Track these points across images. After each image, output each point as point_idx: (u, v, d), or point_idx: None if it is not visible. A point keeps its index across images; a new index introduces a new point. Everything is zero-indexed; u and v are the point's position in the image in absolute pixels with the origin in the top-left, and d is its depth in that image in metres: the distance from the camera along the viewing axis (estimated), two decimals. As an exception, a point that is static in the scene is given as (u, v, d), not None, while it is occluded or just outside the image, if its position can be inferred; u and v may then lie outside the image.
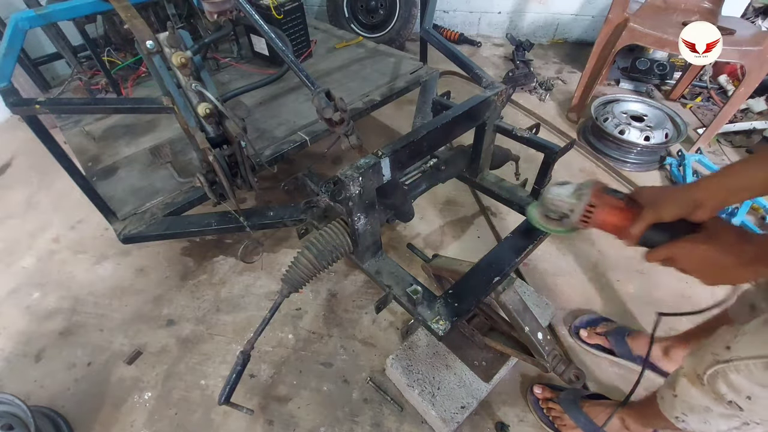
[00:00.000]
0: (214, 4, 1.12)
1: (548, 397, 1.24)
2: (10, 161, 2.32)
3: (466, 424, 1.23)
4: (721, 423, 0.80)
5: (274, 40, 1.10)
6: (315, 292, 1.60)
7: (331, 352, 1.43)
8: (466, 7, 3.39)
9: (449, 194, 1.97)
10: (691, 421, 0.86)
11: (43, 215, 1.98)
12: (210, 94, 1.03)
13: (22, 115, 1.13)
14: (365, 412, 1.28)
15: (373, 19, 3.11)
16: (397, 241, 1.75)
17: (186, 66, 1.00)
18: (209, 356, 1.43)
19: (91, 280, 1.69)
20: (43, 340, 1.49)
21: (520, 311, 0.98)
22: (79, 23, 1.80)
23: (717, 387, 0.75)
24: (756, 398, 0.70)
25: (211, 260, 1.74)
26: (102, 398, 1.33)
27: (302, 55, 2.12)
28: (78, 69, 2.00)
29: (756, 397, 0.70)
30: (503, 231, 1.80)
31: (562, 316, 1.50)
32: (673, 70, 2.60)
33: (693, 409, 0.83)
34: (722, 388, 0.74)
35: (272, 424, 1.26)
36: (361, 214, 0.92)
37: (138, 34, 0.98)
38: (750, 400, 0.71)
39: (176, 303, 1.59)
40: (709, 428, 0.83)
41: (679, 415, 0.87)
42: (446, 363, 1.27)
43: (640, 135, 2.02)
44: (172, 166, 1.48)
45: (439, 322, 0.88)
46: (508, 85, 1.12)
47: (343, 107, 1.03)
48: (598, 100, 2.26)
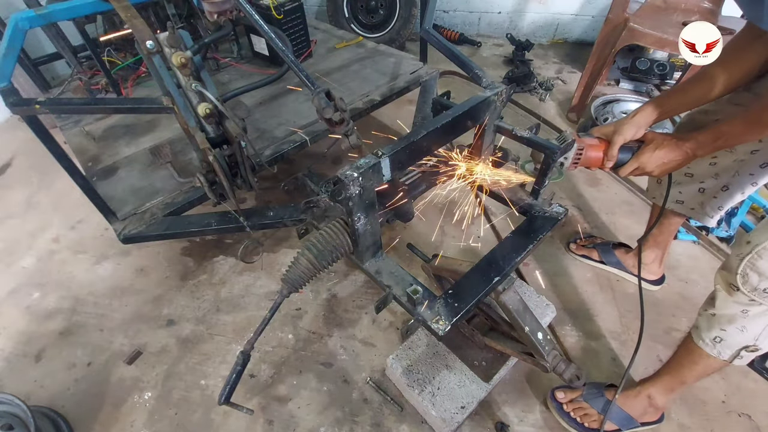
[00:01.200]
0: (214, 4, 1.12)
1: (572, 398, 1.24)
2: (10, 161, 2.33)
3: (466, 424, 1.23)
4: (756, 324, 0.91)
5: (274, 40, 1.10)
6: (315, 292, 1.60)
7: (331, 352, 1.43)
8: (466, 7, 3.39)
9: (449, 194, 1.97)
10: (729, 334, 0.95)
11: (43, 215, 1.98)
12: (210, 94, 1.03)
13: (22, 115, 1.13)
14: (365, 412, 1.28)
15: (373, 19, 3.11)
16: (397, 241, 1.75)
17: (186, 66, 1.00)
18: (209, 356, 1.43)
19: (91, 280, 1.69)
20: (43, 340, 1.49)
21: (520, 311, 0.98)
22: (79, 23, 1.80)
23: (751, 281, 0.86)
24: None
25: (211, 260, 1.74)
26: (102, 398, 1.33)
27: (302, 55, 2.11)
28: (78, 69, 1.99)
29: None
30: (503, 231, 1.81)
31: (562, 316, 1.50)
32: (673, 70, 2.59)
33: (732, 320, 0.93)
34: (754, 279, 0.85)
35: (272, 424, 1.26)
36: (361, 214, 0.91)
37: (138, 34, 0.97)
38: None
39: (176, 303, 1.59)
40: (745, 336, 0.93)
41: (718, 333, 0.97)
42: (446, 363, 1.27)
43: (640, 135, 2.02)
44: (172, 166, 1.48)
45: (439, 322, 0.88)
46: (508, 85, 1.12)
47: (343, 107, 1.03)
48: (598, 100, 2.26)
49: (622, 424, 1.18)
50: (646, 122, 1.02)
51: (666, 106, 1.03)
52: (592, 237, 1.75)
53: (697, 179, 1.21)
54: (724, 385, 1.32)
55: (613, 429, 1.19)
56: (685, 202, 1.28)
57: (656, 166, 1.00)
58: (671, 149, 0.97)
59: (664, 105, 1.03)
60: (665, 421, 1.22)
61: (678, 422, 1.25)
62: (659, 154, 0.98)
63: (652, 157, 0.99)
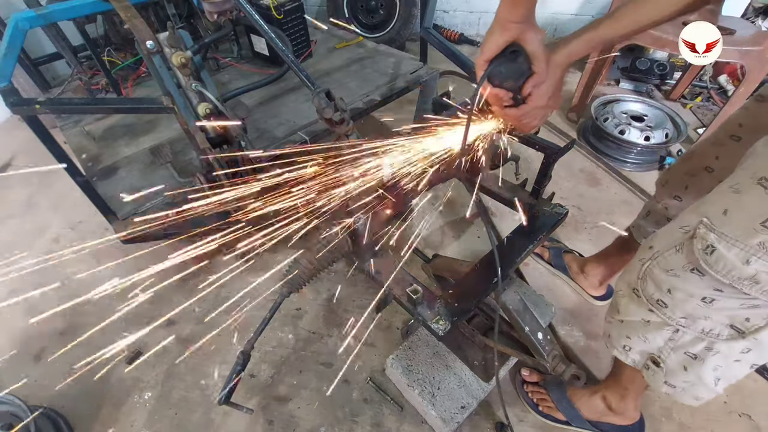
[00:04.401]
0: (214, 4, 1.12)
1: (535, 380, 1.29)
2: (10, 161, 2.32)
3: (466, 424, 1.23)
4: (657, 337, 0.85)
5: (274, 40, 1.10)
6: (315, 292, 1.60)
7: (331, 352, 1.43)
8: (466, 7, 3.39)
9: (449, 194, 1.97)
10: (634, 343, 0.91)
11: (43, 215, 1.98)
12: (210, 94, 1.03)
13: (22, 115, 1.13)
14: (365, 412, 1.28)
15: (373, 19, 3.11)
16: (397, 241, 1.75)
17: (186, 66, 1.01)
18: (209, 356, 1.43)
19: (91, 280, 1.69)
20: (43, 340, 1.49)
21: (520, 311, 0.98)
22: (79, 23, 1.80)
23: (648, 290, 0.82)
24: (674, 289, 0.77)
25: (211, 260, 1.74)
26: (102, 398, 1.33)
27: (302, 55, 2.11)
28: (78, 69, 1.99)
29: (674, 288, 0.77)
30: (503, 231, 1.80)
31: (562, 316, 1.50)
32: (673, 70, 2.60)
33: (634, 329, 0.89)
34: (651, 288, 0.81)
35: (272, 424, 1.26)
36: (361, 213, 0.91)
37: (138, 34, 0.98)
38: (670, 293, 0.78)
39: (176, 303, 1.59)
40: (649, 346, 0.88)
41: (625, 342, 0.92)
42: (446, 363, 1.27)
43: (640, 135, 2.02)
44: (172, 166, 1.48)
45: (439, 322, 0.88)
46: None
47: (343, 107, 1.03)
48: (598, 100, 2.26)
49: (570, 418, 1.20)
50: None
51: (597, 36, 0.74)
52: (555, 241, 1.73)
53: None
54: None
55: (563, 420, 1.21)
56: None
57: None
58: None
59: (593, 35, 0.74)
60: (665, 421, 1.22)
61: (678, 422, 1.25)
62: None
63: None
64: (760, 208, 0.60)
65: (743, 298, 0.69)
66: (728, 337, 0.77)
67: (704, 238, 0.67)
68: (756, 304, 0.69)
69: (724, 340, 0.77)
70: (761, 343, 0.75)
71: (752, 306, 0.70)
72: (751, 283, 0.64)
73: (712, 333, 0.78)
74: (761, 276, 0.62)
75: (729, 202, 0.66)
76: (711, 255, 0.66)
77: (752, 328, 0.73)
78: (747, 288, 0.65)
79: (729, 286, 0.67)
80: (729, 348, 0.78)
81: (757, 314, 0.71)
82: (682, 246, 0.73)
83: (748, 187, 0.63)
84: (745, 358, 0.79)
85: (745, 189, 0.64)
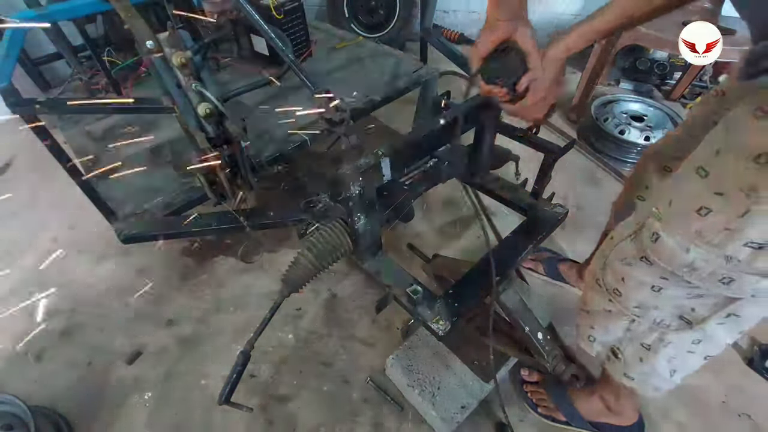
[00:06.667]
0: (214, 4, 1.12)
1: (535, 380, 1.28)
2: (10, 161, 2.32)
3: (466, 424, 1.23)
4: (617, 328, 0.88)
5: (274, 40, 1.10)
6: (315, 292, 1.60)
7: (331, 352, 1.43)
8: (466, 7, 3.39)
9: (449, 194, 1.97)
10: (597, 333, 0.93)
11: (43, 215, 1.98)
12: (210, 94, 1.03)
13: (22, 115, 1.13)
14: (365, 412, 1.28)
15: (373, 19, 3.11)
16: (397, 241, 1.75)
17: (186, 66, 1.00)
18: (209, 356, 1.43)
19: (91, 280, 1.69)
20: (43, 340, 1.49)
21: (520, 311, 0.99)
22: (79, 23, 1.80)
23: (607, 279, 0.84)
24: (627, 277, 0.79)
25: (211, 260, 1.74)
26: (102, 398, 1.33)
27: (302, 55, 2.11)
28: (78, 69, 1.99)
29: (627, 276, 0.79)
30: (503, 231, 1.80)
31: (562, 316, 1.50)
32: (673, 70, 2.59)
33: (597, 319, 0.91)
34: (609, 277, 0.83)
35: (272, 424, 1.26)
36: (361, 214, 0.91)
37: (138, 34, 0.97)
38: (623, 282, 0.80)
39: (176, 303, 1.59)
40: (610, 337, 0.91)
41: (590, 332, 0.94)
42: (446, 363, 1.27)
43: (640, 135, 2.02)
44: (173, 166, 1.48)
45: (439, 322, 0.88)
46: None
47: (343, 107, 1.03)
48: (598, 100, 2.26)
49: (570, 418, 1.20)
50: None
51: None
52: (546, 251, 1.71)
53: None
54: (724, 385, 1.32)
55: (562, 420, 1.21)
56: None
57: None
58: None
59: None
60: (665, 421, 1.22)
61: (678, 422, 1.25)
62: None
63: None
64: (697, 196, 0.61)
65: (687, 287, 0.70)
66: (677, 327, 0.79)
67: (651, 226, 0.69)
68: (700, 293, 0.71)
69: (674, 331, 0.79)
70: (709, 334, 0.77)
71: (697, 296, 0.72)
72: (690, 270, 0.65)
73: (663, 323, 0.80)
74: (698, 263, 0.64)
75: (673, 192, 0.68)
76: (656, 242, 0.68)
77: (699, 318, 0.75)
78: (687, 276, 0.67)
79: (672, 273, 0.69)
80: (680, 339, 0.80)
81: (702, 304, 0.73)
82: (635, 235, 0.75)
83: (687, 176, 0.64)
84: (697, 349, 0.81)
85: (684, 177, 0.66)
